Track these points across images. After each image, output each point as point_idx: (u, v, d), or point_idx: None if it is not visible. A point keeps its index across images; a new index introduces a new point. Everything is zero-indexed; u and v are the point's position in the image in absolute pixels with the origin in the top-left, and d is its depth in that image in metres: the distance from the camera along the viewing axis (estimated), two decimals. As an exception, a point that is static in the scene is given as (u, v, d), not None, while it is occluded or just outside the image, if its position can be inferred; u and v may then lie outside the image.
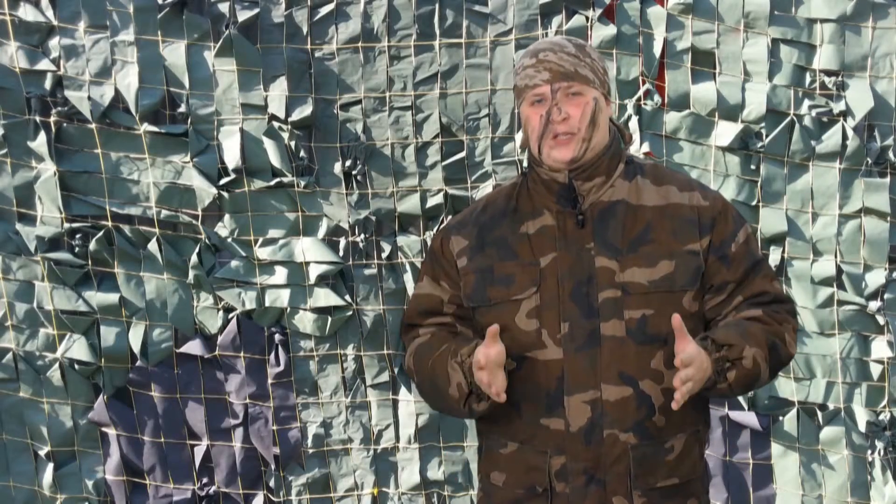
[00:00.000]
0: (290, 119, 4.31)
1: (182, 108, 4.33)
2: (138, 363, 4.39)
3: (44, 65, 4.29)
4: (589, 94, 2.50)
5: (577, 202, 2.51)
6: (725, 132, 4.25)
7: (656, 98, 4.26)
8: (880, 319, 4.22)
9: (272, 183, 4.34)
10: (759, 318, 2.51)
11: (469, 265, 2.58)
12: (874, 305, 4.22)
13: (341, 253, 4.38)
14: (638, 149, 4.20)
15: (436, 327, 2.65)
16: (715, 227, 2.53)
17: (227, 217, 4.36)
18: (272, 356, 4.40)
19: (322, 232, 4.37)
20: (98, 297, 4.36)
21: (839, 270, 4.24)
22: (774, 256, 4.26)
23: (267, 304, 4.37)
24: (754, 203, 4.27)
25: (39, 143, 4.29)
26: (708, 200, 2.56)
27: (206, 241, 4.36)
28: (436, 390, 2.57)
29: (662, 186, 2.56)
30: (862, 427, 4.25)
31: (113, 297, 4.36)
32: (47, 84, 4.30)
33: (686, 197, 2.55)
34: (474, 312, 2.58)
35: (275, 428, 4.41)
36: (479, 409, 2.50)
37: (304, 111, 4.32)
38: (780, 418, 4.30)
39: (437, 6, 4.30)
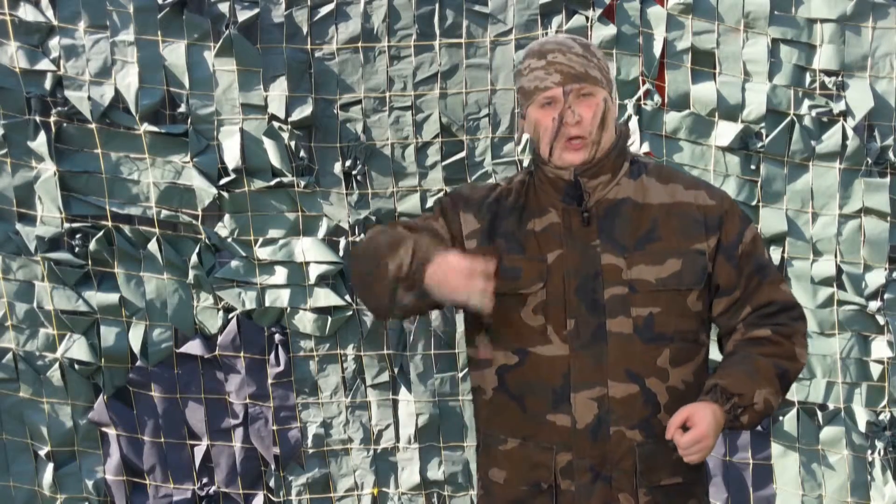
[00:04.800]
0: (290, 119, 4.31)
1: (182, 108, 4.33)
2: (138, 363, 4.39)
3: (44, 65, 4.29)
4: (599, 95, 2.49)
5: (582, 199, 2.51)
6: (725, 132, 4.25)
7: (656, 98, 4.26)
8: (880, 319, 4.23)
9: (272, 183, 4.34)
10: (768, 339, 2.52)
11: (477, 250, 2.56)
12: (874, 305, 4.22)
13: (341, 253, 4.37)
14: (638, 149, 4.20)
15: (406, 226, 2.54)
16: (722, 226, 2.54)
17: (227, 217, 4.36)
18: (272, 356, 4.39)
19: (322, 232, 4.37)
20: (98, 297, 4.36)
21: (839, 270, 4.25)
22: (774, 256, 4.26)
23: (267, 304, 4.37)
24: (754, 203, 4.27)
25: (39, 143, 4.29)
26: (714, 199, 2.56)
27: (206, 241, 4.36)
28: (372, 256, 2.42)
29: (669, 185, 2.56)
30: (862, 427, 4.25)
31: (113, 297, 4.36)
32: (47, 84, 4.30)
33: (692, 195, 2.56)
34: None
35: (275, 428, 4.41)
36: (402, 299, 2.38)
37: (304, 111, 4.32)
38: (780, 418, 4.30)
39: (437, 6, 4.30)
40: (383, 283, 2.41)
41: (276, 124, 4.32)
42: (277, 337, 4.39)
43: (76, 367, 4.37)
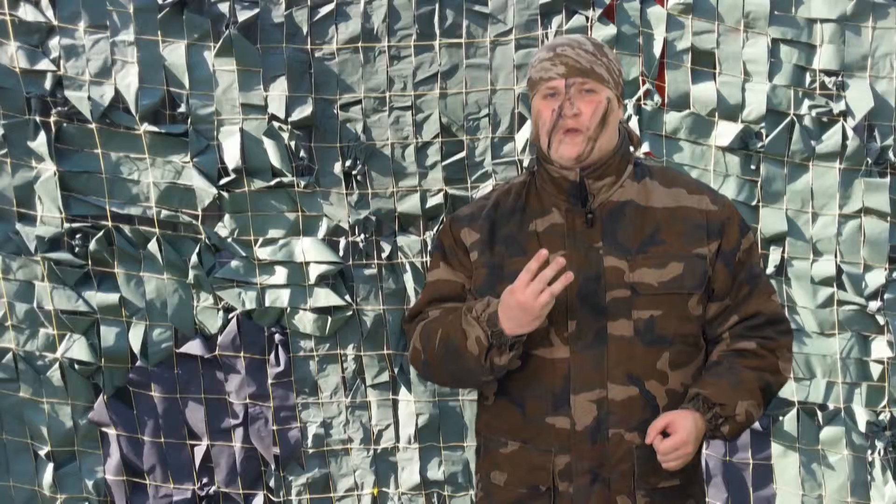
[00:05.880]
0: (290, 119, 4.31)
1: (182, 108, 4.33)
2: (138, 363, 4.39)
3: (44, 65, 4.29)
4: (602, 93, 2.50)
5: (587, 201, 2.52)
6: (725, 132, 4.25)
7: (656, 98, 4.26)
8: (880, 319, 4.23)
9: (272, 183, 4.33)
10: (753, 352, 2.54)
11: (480, 259, 2.57)
12: (874, 305, 4.22)
13: (341, 253, 4.37)
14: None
15: (443, 310, 2.58)
16: (724, 233, 2.55)
17: (227, 217, 4.36)
18: (272, 356, 4.39)
19: (322, 232, 4.37)
20: (98, 297, 4.36)
21: (839, 270, 4.25)
22: (774, 256, 4.27)
23: (267, 304, 4.37)
24: (754, 203, 4.27)
25: (39, 143, 4.29)
26: (717, 205, 2.57)
27: (206, 241, 4.36)
28: (451, 354, 2.48)
29: (672, 189, 2.57)
30: (862, 427, 4.25)
31: (113, 297, 4.36)
32: (47, 84, 4.29)
33: (696, 200, 2.56)
34: None
35: (275, 428, 4.41)
36: (501, 362, 2.43)
37: (304, 111, 4.32)
38: (780, 418, 4.30)
39: (437, 6, 4.30)
40: (474, 365, 2.45)
41: (276, 124, 4.32)
42: (277, 337, 4.39)
43: (76, 367, 4.37)
